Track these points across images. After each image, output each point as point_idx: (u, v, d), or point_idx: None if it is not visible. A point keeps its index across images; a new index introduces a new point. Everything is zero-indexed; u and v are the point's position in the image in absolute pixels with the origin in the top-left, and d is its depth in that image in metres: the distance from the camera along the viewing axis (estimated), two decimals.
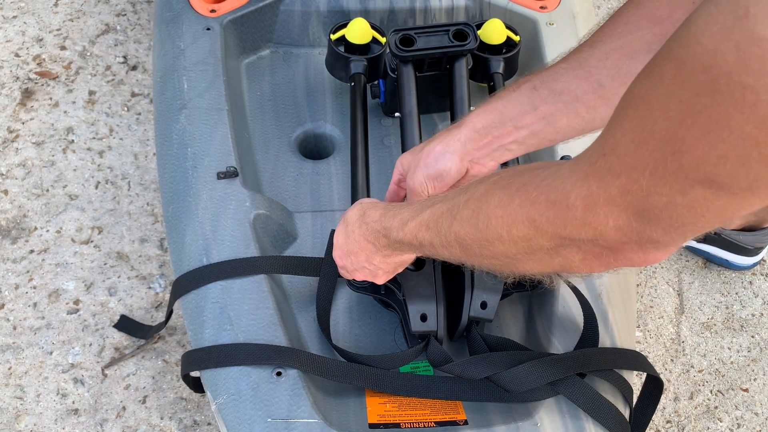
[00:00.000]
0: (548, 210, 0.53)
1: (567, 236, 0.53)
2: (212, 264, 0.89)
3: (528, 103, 0.71)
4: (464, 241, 0.61)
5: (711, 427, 1.23)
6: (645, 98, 0.44)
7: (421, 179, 0.76)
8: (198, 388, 0.95)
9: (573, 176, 0.51)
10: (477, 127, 0.73)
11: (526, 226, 0.54)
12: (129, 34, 1.62)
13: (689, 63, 0.39)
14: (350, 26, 1.08)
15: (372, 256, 0.77)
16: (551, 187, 0.53)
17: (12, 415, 1.16)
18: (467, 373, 0.81)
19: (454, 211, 0.61)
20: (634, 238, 0.49)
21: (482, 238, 0.59)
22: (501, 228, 0.56)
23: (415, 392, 0.83)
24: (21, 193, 1.39)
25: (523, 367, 0.79)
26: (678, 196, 0.44)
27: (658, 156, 0.43)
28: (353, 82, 1.08)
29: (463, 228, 0.60)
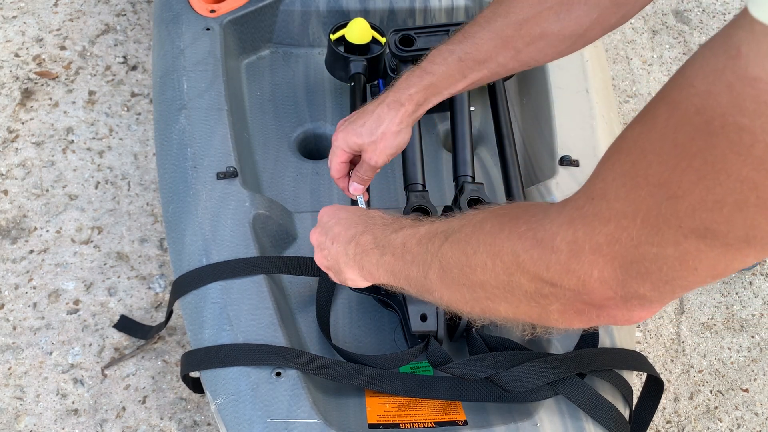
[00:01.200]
0: (533, 248, 0.51)
1: (549, 281, 0.51)
2: (212, 264, 0.89)
3: (458, 73, 0.79)
4: (447, 263, 0.60)
5: (711, 427, 1.23)
6: (637, 142, 0.43)
7: (384, 156, 0.83)
8: (197, 389, 0.95)
9: (560, 218, 0.49)
10: (420, 101, 0.81)
11: (510, 259, 0.53)
12: (129, 34, 1.62)
13: (683, 105, 0.38)
14: (350, 26, 1.08)
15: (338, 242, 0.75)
16: (539, 225, 0.51)
17: (12, 415, 1.16)
18: (467, 373, 0.81)
19: (448, 233, 0.61)
20: (620, 292, 0.47)
21: (466, 264, 0.58)
22: (487, 256, 0.55)
23: (415, 392, 0.82)
24: (21, 193, 1.39)
25: (522, 367, 0.79)
26: (670, 246, 0.42)
27: (651, 202, 0.42)
28: (353, 82, 1.08)
29: (451, 249, 0.60)
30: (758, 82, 0.34)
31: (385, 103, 0.82)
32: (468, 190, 0.95)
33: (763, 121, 0.34)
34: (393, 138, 0.82)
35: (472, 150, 1.01)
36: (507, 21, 0.76)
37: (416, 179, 0.97)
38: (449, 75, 0.80)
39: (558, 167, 1.00)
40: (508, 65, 0.79)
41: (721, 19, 1.80)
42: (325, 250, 0.77)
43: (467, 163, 0.98)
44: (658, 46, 1.75)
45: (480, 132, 1.16)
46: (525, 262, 0.52)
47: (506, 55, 0.77)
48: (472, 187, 0.95)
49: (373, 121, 0.82)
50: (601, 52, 1.18)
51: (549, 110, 1.06)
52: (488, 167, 1.11)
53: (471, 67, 0.79)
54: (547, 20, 0.74)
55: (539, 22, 0.74)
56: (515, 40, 0.76)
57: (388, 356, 0.85)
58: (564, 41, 0.76)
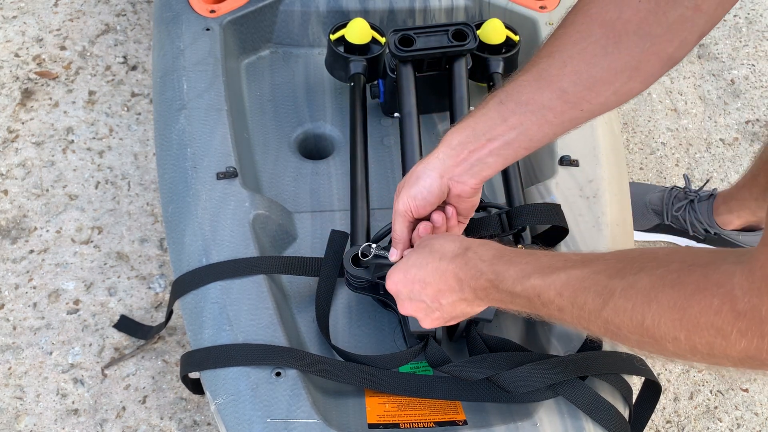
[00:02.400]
0: (738, 321, 0.50)
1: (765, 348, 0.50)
2: (212, 264, 0.89)
3: (497, 116, 0.72)
4: (618, 330, 0.58)
5: (711, 427, 1.23)
6: None
7: (405, 199, 0.76)
8: (197, 390, 0.95)
9: (756, 286, 0.49)
10: (453, 144, 0.74)
11: (712, 335, 0.52)
12: (129, 34, 1.62)
13: None
14: (350, 26, 1.08)
15: (447, 295, 0.71)
16: (734, 297, 0.50)
17: (12, 415, 1.16)
18: (466, 374, 0.81)
19: (605, 296, 0.58)
20: None
21: (648, 335, 0.56)
22: (678, 331, 0.54)
23: (415, 392, 0.83)
24: (21, 193, 1.39)
25: (524, 368, 0.79)
26: None
27: None
28: (353, 82, 1.08)
29: (619, 317, 0.57)
30: None
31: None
32: None
33: None
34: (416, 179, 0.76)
35: None
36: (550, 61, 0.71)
37: None
38: (488, 117, 0.73)
39: (558, 167, 1.00)
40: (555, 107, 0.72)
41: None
42: (434, 312, 0.73)
43: None
44: None
45: None
46: (732, 336, 0.51)
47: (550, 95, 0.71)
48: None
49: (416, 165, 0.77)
50: None
51: None
52: None
53: (512, 109, 0.72)
54: (594, 55, 0.68)
55: (585, 58, 0.69)
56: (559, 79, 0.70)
57: (387, 356, 0.85)
58: (616, 76, 0.69)
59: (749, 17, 1.81)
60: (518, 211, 0.91)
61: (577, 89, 0.69)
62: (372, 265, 0.86)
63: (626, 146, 1.56)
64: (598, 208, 0.96)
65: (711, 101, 1.66)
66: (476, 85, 1.17)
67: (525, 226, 0.91)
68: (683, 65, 1.71)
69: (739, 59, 1.73)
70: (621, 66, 0.68)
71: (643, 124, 1.61)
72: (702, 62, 1.73)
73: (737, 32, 1.78)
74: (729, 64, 1.72)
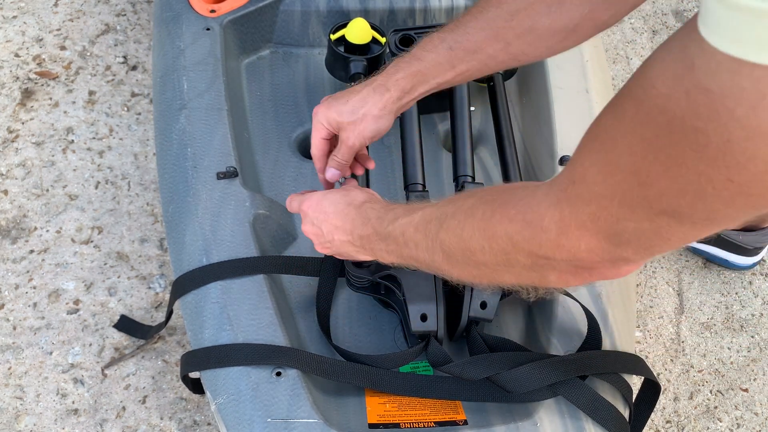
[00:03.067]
0: (524, 229, 0.57)
1: (543, 255, 0.56)
2: (212, 264, 0.89)
3: (447, 62, 0.79)
4: (449, 248, 0.65)
5: (711, 427, 1.23)
6: (609, 133, 0.48)
7: (362, 138, 0.84)
8: (197, 389, 0.95)
9: (546, 200, 0.55)
10: (405, 88, 0.81)
11: (505, 241, 0.59)
12: (129, 34, 1.62)
13: (646, 104, 0.44)
14: (350, 26, 1.08)
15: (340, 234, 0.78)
16: (527, 208, 0.57)
17: (12, 415, 1.16)
18: (467, 373, 0.81)
19: (441, 220, 0.66)
20: (606, 257, 0.53)
21: (465, 248, 0.63)
22: (483, 240, 0.61)
23: (415, 392, 0.83)
24: (21, 193, 1.39)
25: (524, 368, 0.79)
26: (644, 222, 0.48)
27: (625, 187, 0.47)
28: (353, 82, 1.08)
29: (448, 236, 0.64)
30: (710, 93, 0.39)
31: (372, 87, 0.83)
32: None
33: (714, 125, 0.40)
34: (374, 121, 0.83)
35: (472, 150, 1.01)
36: (498, 12, 0.77)
37: (416, 179, 0.97)
38: (438, 63, 0.80)
39: (558, 167, 1.00)
40: (497, 57, 0.79)
41: None
42: (325, 241, 0.81)
43: (467, 163, 0.98)
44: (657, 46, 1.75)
45: (480, 132, 1.16)
46: (519, 243, 0.58)
47: (496, 46, 0.78)
48: (471, 187, 0.95)
49: (357, 102, 0.83)
50: (601, 52, 1.18)
51: (549, 110, 1.06)
52: (488, 167, 1.11)
53: (460, 57, 0.79)
54: (539, 13, 0.75)
55: (530, 15, 0.75)
56: (506, 31, 0.77)
57: (388, 356, 0.85)
58: (554, 35, 0.76)
59: None
60: None
61: (520, 42, 0.77)
62: (373, 265, 0.86)
63: None
64: None
65: None
66: (476, 85, 1.17)
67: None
68: None
69: None
70: (560, 27, 0.75)
71: None
72: None
73: None
74: None
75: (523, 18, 0.75)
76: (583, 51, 1.12)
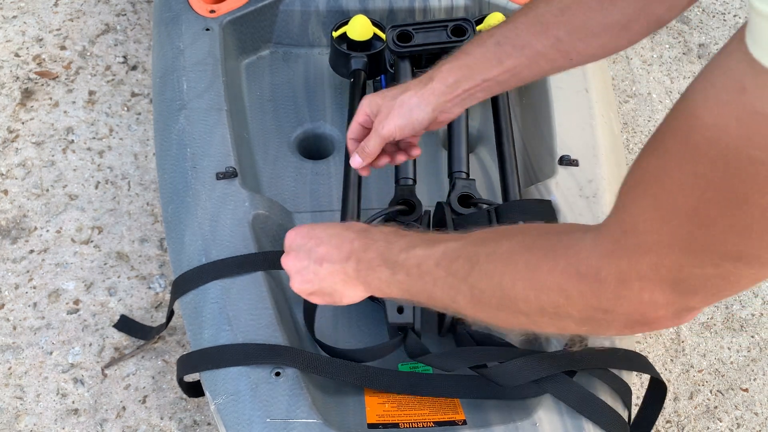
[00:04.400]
0: (579, 283, 0.52)
1: (601, 309, 0.52)
2: (210, 263, 0.89)
3: (494, 58, 0.75)
4: (481, 293, 0.61)
5: (711, 427, 1.23)
6: (655, 174, 0.45)
7: (393, 127, 0.79)
8: (193, 393, 0.95)
9: (598, 250, 0.51)
10: (449, 82, 0.77)
11: (557, 294, 0.54)
12: (129, 34, 1.62)
13: (693, 138, 0.40)
14: (351, 23, 1.09)
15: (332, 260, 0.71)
16: (578, 259, 0.53)
17: (12, 415, 1.16)
18: (447, 365, 0.81)
19: (473, 261, 0.61)
20: (671, 309, 0.49)
21: (504, 296, 0.59)
22: (529, 290, 0.56)
23: (409, 390, 0.83)
24: (21, 193, 1.39)
25: (515, 362, 0.79)
26: (710, 268, 0.44)
27: (684, 232, 0.44)
28: (353, 78, 1.09)
29: (483, 281, 0.60)
30: (766, 117, 0.35)
31: (419, 78, 0.80)
32: (459, 186, 0.95)
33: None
34: (408, 110, 0.78)
35: (467, 147, 1.01)
36: (548, 7, 0.73)
37: (406, 173, 0.98)
38: (485, 58, 0.76)
39: (557, 167, 1.00)
40: (548, 54, 0.74)
41: (720, 19, 1.80)
42: (309, 273, 0.73)
43: (461, 160, 0.99)
44: (658, 46, 1.75)
45: (480, 132, 1.16)
46: (573, 296, 0.53)
47: (545, 42, 0.73)
48: (463, 183, 0.96)
49: (400, 89, 0.80)
50: None
51: (549, 110, 1.06)
52: (488, 167, 1.11)
53: (508, 52, 0.75)
54: (590, 8, 0.71)
55: (582, 10, 0.71)
56: (556, 27, 0.73)
57: (368, 349, 0.85)
58: (607, 32, 0.72)
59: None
60: (508, 207, 0.91)
61: (571, 39, 0.72)
62: None
63: (626, 146, 1.56)
64: (597, 208, 0.96)
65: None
66: None
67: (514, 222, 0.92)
68: (683, 65, 1.71)
69: None
70: (613, 22, 0.71)
71: (643, 124, 1.61)
72: (702, 62, 1.73)
73: None
74: None
75: (574, 13, 0.72)
76: None
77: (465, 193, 0.94)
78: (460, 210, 0.93)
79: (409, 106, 0.78)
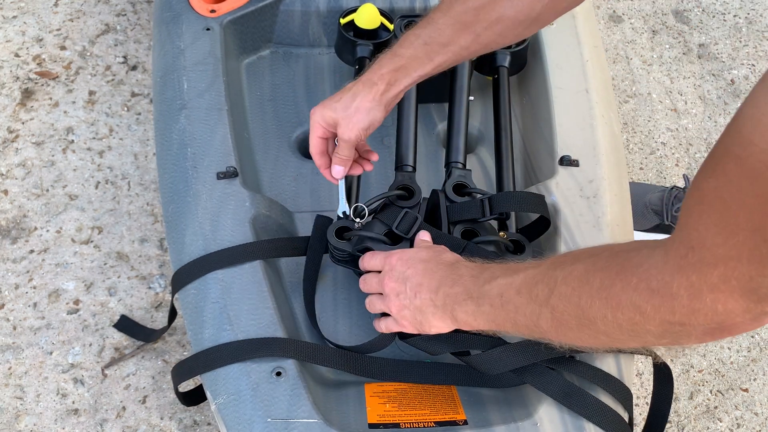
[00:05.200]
0: (652, 298, 0.55)
1: (677, 322, 0.55)
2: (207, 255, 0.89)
3: (425, 56, 0.84)
4: (561, 315, 0.64)
5: (711, 427, 1.23)
6: (717, 194, 0.48)
7: (358, 130, 0.85)
8: (189, 402, 0.96)
9: (668, 266, 0.54)
10: (391, 81, 0.85)
11: (632, 310, 0.57)
12: (129, 34, 1.62)
13: (750, 162, 0.44)
14: (359, 11, 1.10)
15: (427, 290, 0.76)
16: (649, 275, 0.56)
17: (12, 415, 1.16)
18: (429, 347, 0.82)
19: (551, 286, 0.64)
20: (748, 316, 0.52)
21: (583, 316, 0.62)
22: (605, 310, 0.59)
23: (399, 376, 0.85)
24: (21, 193, 1.39)
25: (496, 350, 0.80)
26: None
27: (751, 244, 0.47)
28: (358, 66, 1.10)
29: (562, 303, 0.63)
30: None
31: (360, 82, 0.86)
32: (455, 175, 0.96)
33: None
34: (366, 113, 0.85)
35: (466, 138, 1.01)
36: (465, 7, 0.81)
37: (407, 161, 0.98)
38: (416, 57, 0.84)
39: (558, 167, 1.00)
40: (470, 48, 0.84)
41: (720, 19, 1.81)
42: (405, 299, 0.78)
43: (459, 150, 1.00)
44: (657, 46, 1.75)
45: (480, 132, 1.16)
46: (648, 312, 0.56)
47: (467, 38, 0.82)
48: (459, 173, 0.96)
49: (348, 98, 0.86)
50: (601, 53, 1.18)
51: (549, 110, 1.06)
52: (488, 168, 1.12)
53: (436, 50, 0.83)
54: (502, 6, 0.80)
55: (495, 8, 0.80)
56: (474, 24, 0.81)
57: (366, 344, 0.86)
58: (520, 25, 0.82)
59: (749, 17, 1.81)
60: (501, 197, 0.92)
61: (488, 33, 0.82)
62: (354, 238, 0.88)
63: (626, 146, 1.56)
64: (598, 209, 0.96)
65: (711, 101, 1.66)
66: (481, 77, 1.17)
67: (506, 212, 0.92)
68: (683, 65, 1.71)
69: (739, 59, 1.73)
70: (524, 17, 0.80)
71: (643, 124, 1.61)
72: (702, 62, 1.73)
73: (737, 32, 1.78)
74: (729, 64, 1.72)
75: (489, 11, 0.80)
76: (583, 51, 1.12)
77: (460, 182, 0.95)
78: (454, 198, 0.93)
79: (366, 109, 0.84)
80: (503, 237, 0.91)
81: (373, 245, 0.88)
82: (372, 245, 0.88)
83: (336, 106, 0.86)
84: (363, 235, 0.88)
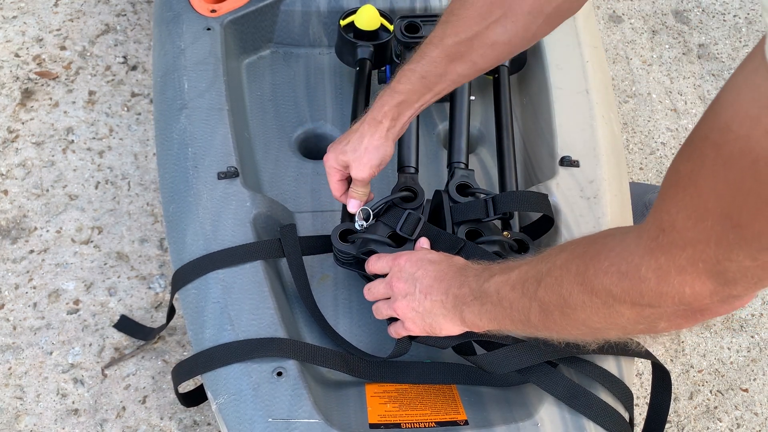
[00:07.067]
0: (622, 281, 0.56)
1: (647, 305, 0.55)
2: (208, 254, 0.89)
3: (424, 88, 0.85)
4: (547, 307, 0.64)
5: (711, 427, 1.23)
6: (691, 178, 0.48)
7: (370, 168, 0.87)
8: (189, 402, 0.96)
9: (638, 249, 0.54)
10: (394, 116, 0.86)
11: (605, 294, 0.58)
12: (129, 34, 1.62)
13: (726, 148, 0.44)
14: (359, 13, 1.10)
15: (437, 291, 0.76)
16: (620, 258, 0.56)
17: (12, 415, 1.16)
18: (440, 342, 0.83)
19: (538, 278, 0.65)
20: (715, 298, 0.52)
21: (565, 305, 0.62)
22: (583, 295, 0.60)
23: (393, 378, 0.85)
24: (21, 193, 1.39)
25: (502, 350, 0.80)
26: (746, 261, 0.47)
27: (719, 230, 0.47)
28: (359, 67, 1.10)
29: (548, 294, 0.64)
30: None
31: (366, 123, 0.87)
32: (458, 175, 0.96)
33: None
34: (375, 152, 0.86)
35: (468, 138, 1.02)
36: (458, 39, 0.81)
37: (409, 162, 0.99)
38: (415, 91, 0.85)
39: (558, 168, 1.00)
40: (468, 74, 0.85)
41: (720, 19, 1.81)
42: (414, 301, 0.78)
43: (461, 151, 1.00)
44: (657, 46, 1.75)
45: (481, 132, 1.16)
46: (618, 295, 0.57)
47: (463, 67, 0.83)
48: (461, 173, 0.97)
49: (356, 139, 0.87)
50: (601, 53, 1.18)
51: (549, 110, 1.06)
52: (489, 168, 1.12)
53: (434, 81, 0.84)
54: (495, 32, 0.79)
55: (488, 35, 0.80)
56: (469, 54, 0.82)
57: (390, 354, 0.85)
58: (515, 46, 0.82)
59: (749, 17, 1.82)
60: (504, 197, 0.92)
61: (484, 59, 0.83)
62: (358, 241, 0.88)
63: (626, 146, 1.57)
64: (598, 209, 0.96)
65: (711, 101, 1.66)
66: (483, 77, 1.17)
67: (509, 212, 0.93)
68: (683, 65, 1.72)
69: (739, 59, 1.73)
70: (519, 40, 0.80)
71: (643, 124, 1.61)
72: (702, 62, 1.73)
73: (737, 32, 1.78)
74: (729, 64, 1.72)
75: (483, 39, 0.80)
76: (583, 51, 1.12)
77: (463, 182, 0.95)
78: (457, 198, 0.93)
79: (376, 147, 0.86)
80: (507, 237, 0.91)
81: (377, 248, 0.88)
82: (376, 248, 0.88)
83: (346, 149, 0.87)
84: (367, 237, 0.88)
